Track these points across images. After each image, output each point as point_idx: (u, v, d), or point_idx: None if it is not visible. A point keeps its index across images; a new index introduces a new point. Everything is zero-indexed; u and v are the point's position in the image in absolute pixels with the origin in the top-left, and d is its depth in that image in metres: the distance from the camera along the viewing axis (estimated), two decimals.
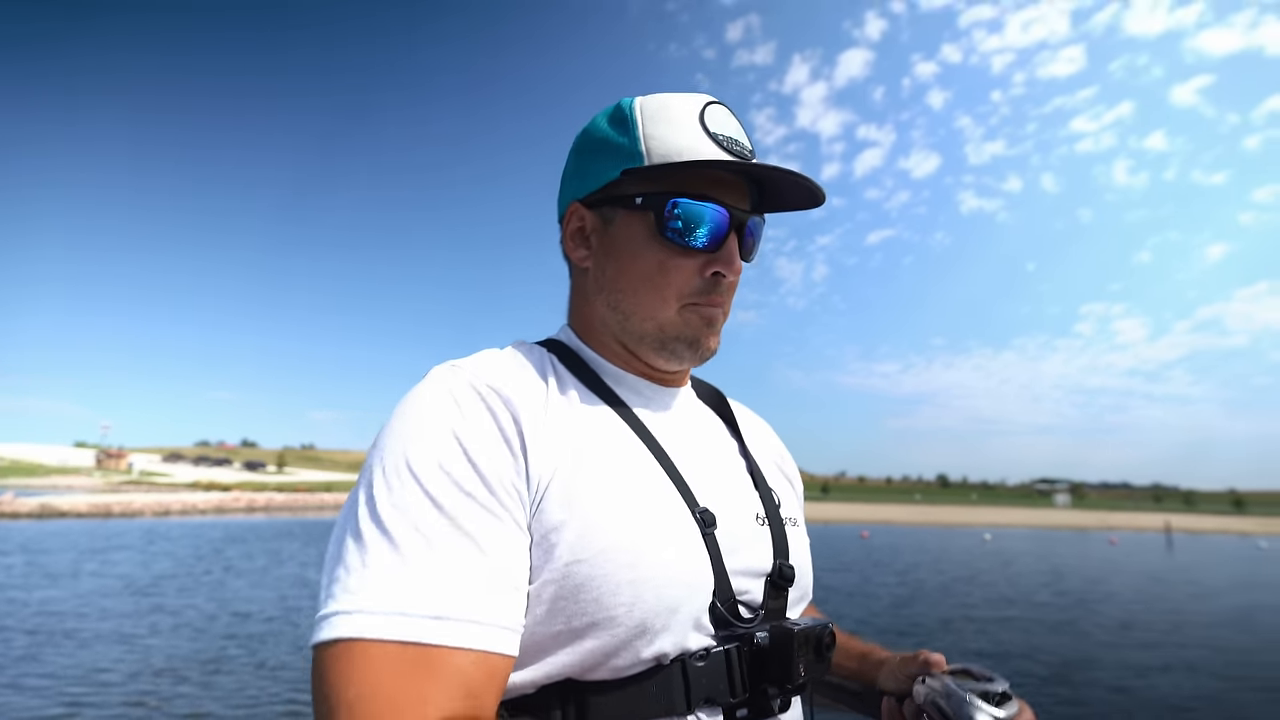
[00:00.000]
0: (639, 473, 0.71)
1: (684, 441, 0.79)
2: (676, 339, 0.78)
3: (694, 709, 0.65)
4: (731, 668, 0.68)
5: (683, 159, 0.72)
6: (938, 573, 21.26)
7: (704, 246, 0.75)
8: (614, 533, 0.64)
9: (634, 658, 0.64)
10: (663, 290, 0.76)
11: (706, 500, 0.73)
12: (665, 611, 0.64)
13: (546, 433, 0.68)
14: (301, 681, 7.55)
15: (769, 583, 0.75)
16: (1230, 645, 11.08)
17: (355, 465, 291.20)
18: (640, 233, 0.76)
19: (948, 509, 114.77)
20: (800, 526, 0.87)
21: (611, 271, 0.78)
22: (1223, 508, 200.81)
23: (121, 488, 79.13)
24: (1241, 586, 20.15)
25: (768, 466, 0.89)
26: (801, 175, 0.75)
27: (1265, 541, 52.29)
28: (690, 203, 0.73)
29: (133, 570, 16.28)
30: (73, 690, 6.95)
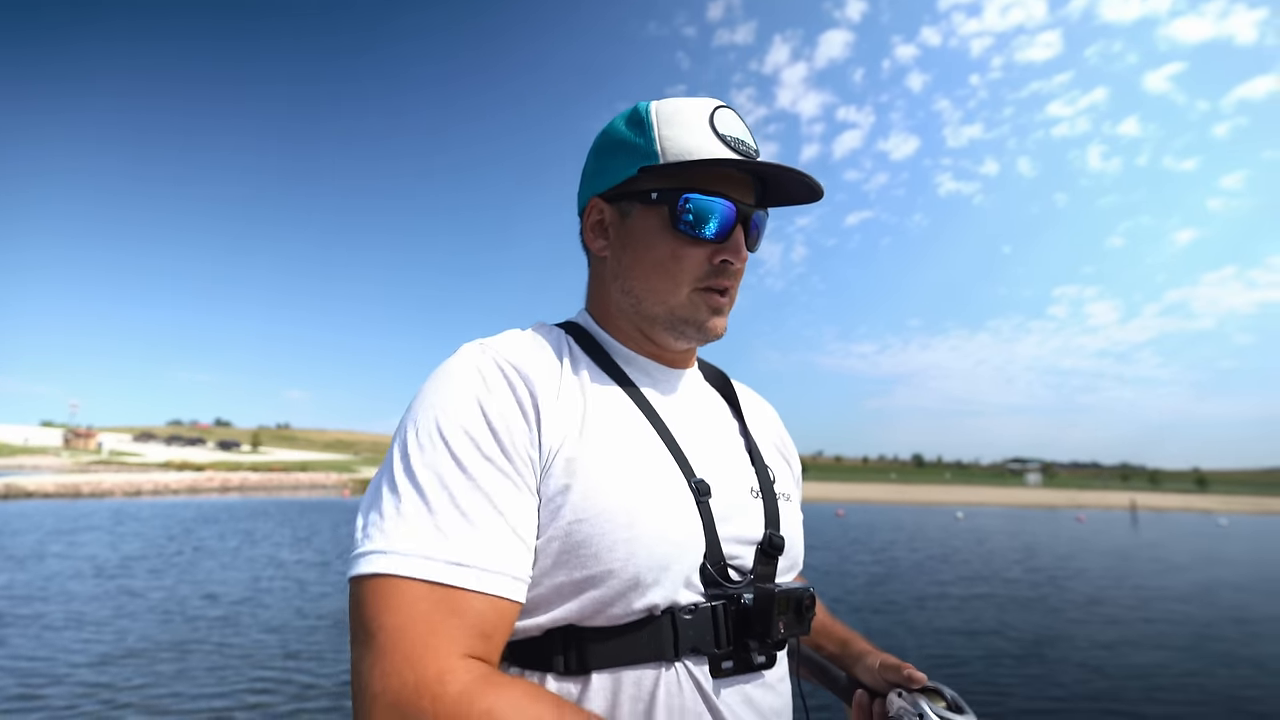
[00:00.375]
0: (640, 444, 0.79)
1: (686, 418, 0.87)
2: (686, 320, 0.86)
3: (681, 657, 0.73)
4: (717, 622, 0.75)
5: (694, 158, 0.81)
6: (911, 550, 21.58)
7: (713, 237, 0.83)
8: (613, 496, 0.72)
9: (627, 608, 0.72)
10: (675, 276, 0.84)
11: (703, 472, 0.81)
12: (657, 568, 0.72)
13: (558, 406, 0.76)
14: (271, 663, 7.37)
15: (760, 550, 0.83)
16: (1193, 618, 11.38)
17: (331, 444, 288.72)
18: (655, 225, 0.84)
19: (922, 488, 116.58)
20: (794, 502, 0.95)
21: (628, 260, 0.87)
22: (1187, 486, 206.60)
23: (91, 468, 77.55)
24: (1202, 561, 20.70)
25: (765, 445, 0.97)
26: (802, 173, 0.82)
27: (1225, 519, 53.86)
28: (701, 198, 0.82)
29: (101, 551, 15.88)
30: (33, 678, 6.74)
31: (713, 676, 0.75)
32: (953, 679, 6.38)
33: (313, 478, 71.03)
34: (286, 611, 10.04)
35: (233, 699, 6.27)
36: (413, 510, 0.66)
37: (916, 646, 8.90)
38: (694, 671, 0.74)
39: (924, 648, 8.87)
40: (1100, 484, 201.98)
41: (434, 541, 0.65)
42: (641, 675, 0.72)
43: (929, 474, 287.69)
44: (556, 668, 0.72)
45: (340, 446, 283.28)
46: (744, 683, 0.78)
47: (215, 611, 10.02)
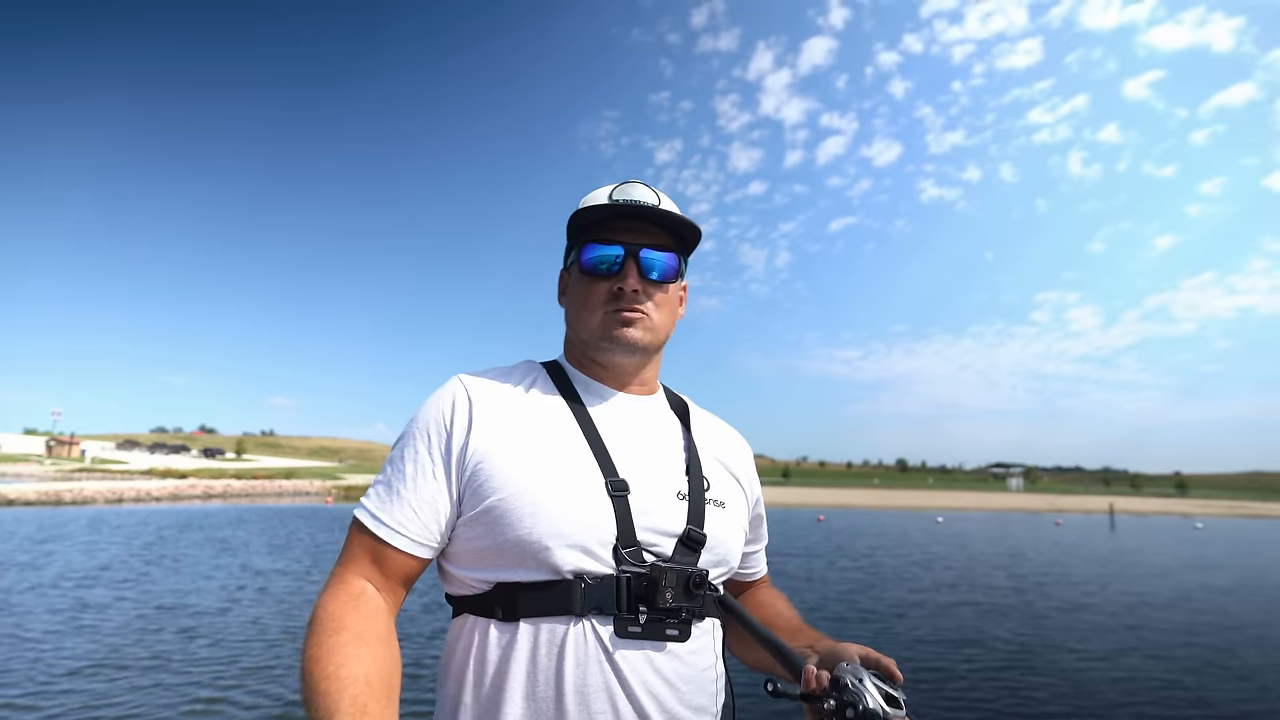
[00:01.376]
0: (563, 446, 1.04)
1: (625, 432, 1.11)
2: (603, 337, 1.12)
3: (586, 614, 0.94)
4: (619, 590, 0.96)
5: (583, 214, 1.13)
6: (890, 555, 21.85)
7: (607, 271, 1.12)
8: (525, 480, 0.99)
9: (539, 568, 0.96)
10: (590, 305, 1.14)
11: (626, 474, 1.04)
12: (557, 535, 0.96)
13: (496, 418, 1.06)
14: (227, 678, 7.19)
15: (680, 543, 1.03)
16: (1163, 622, 11.72)
17: (316, 451, 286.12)
18: (576, 274, 1.16)
19: (904, 493, 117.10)
20: (729, 510, 1.14)
21: (569, 306, 1.20)
22: (1167, 490, 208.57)
23: (73, 475, 76.54)
24: (1174, 563, 21.21)
25: (708, 459, 1.17)
26: (663, 211, 1.10)
27: (1200, 522, 54.66)
28: (595, 245, 1.12)
29: (70, 560, 15.62)
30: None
31: (617, 635, 0.95)
32: (923, 687, 6.43)
33: (296, 485, 70.34)
34: (246, 626, 9.62)
35: (173, 711, 6.08)
36: (379, 481, 1.06)
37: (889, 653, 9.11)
38: (599, 629, 0.94)
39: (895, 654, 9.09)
40: (1082, 488, 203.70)
41: (374, 502, 1.03)
42: (555, 626, 0.94)
43: (912, 479, 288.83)
44: (496, 615, 0.98)
45: (325, 453, 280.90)
46: (649, 648, 0.96)
47: (176, 622, 9.69)
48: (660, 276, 1.13)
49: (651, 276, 1.12)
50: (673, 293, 1.18)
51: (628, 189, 1.13)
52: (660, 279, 1.14)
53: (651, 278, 1.12)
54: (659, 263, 1.13)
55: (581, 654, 0.93)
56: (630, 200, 1.11)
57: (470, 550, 1.02)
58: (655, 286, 1.14)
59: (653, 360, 1.21)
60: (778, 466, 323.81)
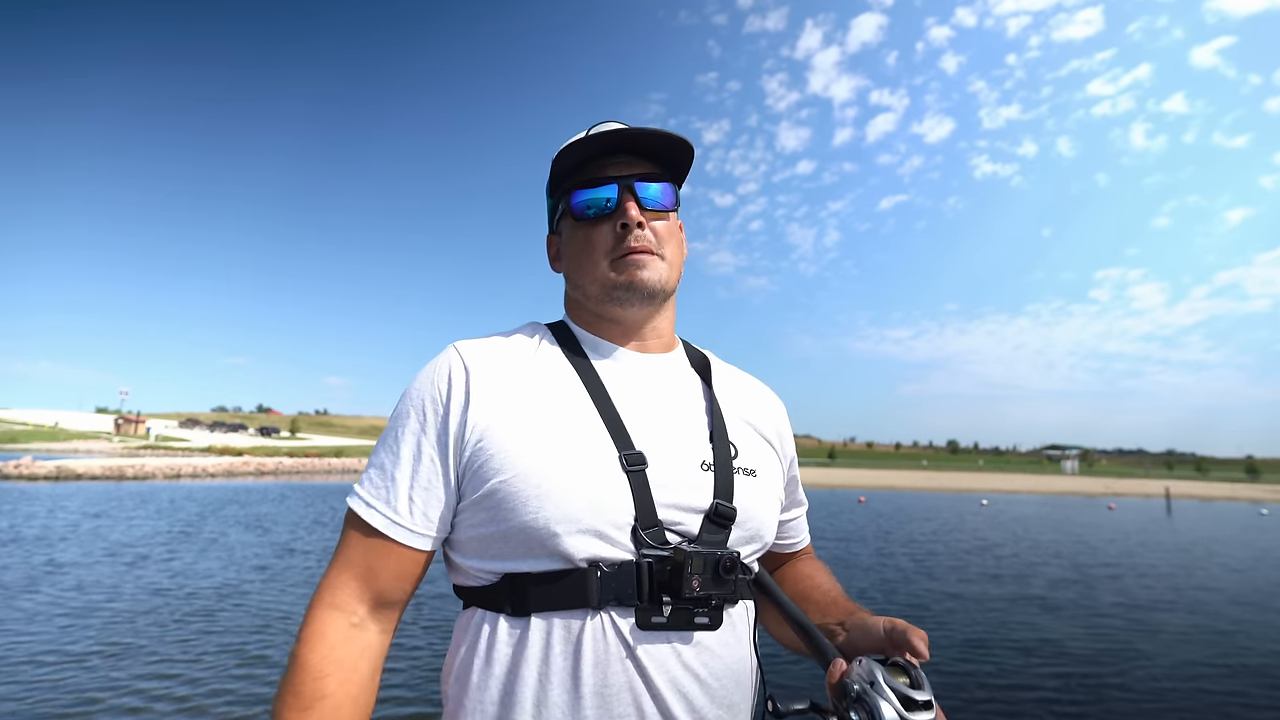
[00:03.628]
0: (571, 418, 0.92)
1: (641, 397, 0.98)
2: (614, 285, 0.99)
3: (604, 606, 0.83)
4: (641, 578, 0.84)
5: (561, 156, 1.00)
6: (922, 538, 21.33)
7: (603, 212, 0.99)
8: (529, 459, 0.87)
9: (549, 556, 0.85)
10: (592, 254, 1.00)
11: (644, 445, 0.92)
12: (566, 520, 0.84)
13: (496, 389, 0.93)
14: (221, 669, 6.63)
15: (707, 519, 0.91)
16: (1151, 615, 11.18)
17: (366, 430, 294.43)
18: (569, 226, 1.04)
19: (952, 475, 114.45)
20: (760, 478, 1.01)
21: (568, 263, 1.06)
22: (1236, 474, 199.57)
23: (138, 452, 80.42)
24: (1221, 548, 20.34)
25: (735, 421, 1.04)
26: (645, 130, 0.98)
27: (1266, 508, 51.97)
28: (584, 190, 1.00)
29: (111, 533, 15.93)
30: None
31: (639, 628, 0.83)
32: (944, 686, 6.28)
33: (345, 462, 72.49)
34: (247, 613, 8.86)
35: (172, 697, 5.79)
36: (374, 463, 0.94)
37: None
38: (618, 622, 0.83)
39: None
40: (1142, 472, 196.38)
41: (367, 490, 0.93)
42: (570, 621, 0.83)
43: (962, 461, 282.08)
44: (505, 609, 0.86)
45: (374, 432, 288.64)
46: (676, 640, 0.84)
47: (191, 605, 9.20)
48: (659, 205, 1.02)
49: (651, 207, 1.01)
50: (674, 224, 1.06)
51: (602, 127, 1.01)
52: (660, 208, 1.02)
53: (650, 208, 1.01)
54: (656, 191, 1.02)
55: (601, 651, 0.82)
56: (606, 130, 0.99)
57: (474, 538, 0.91)
58: (657, 216, 1.02)
59: (666, 309, 1.07)
60: (824, 447, 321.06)
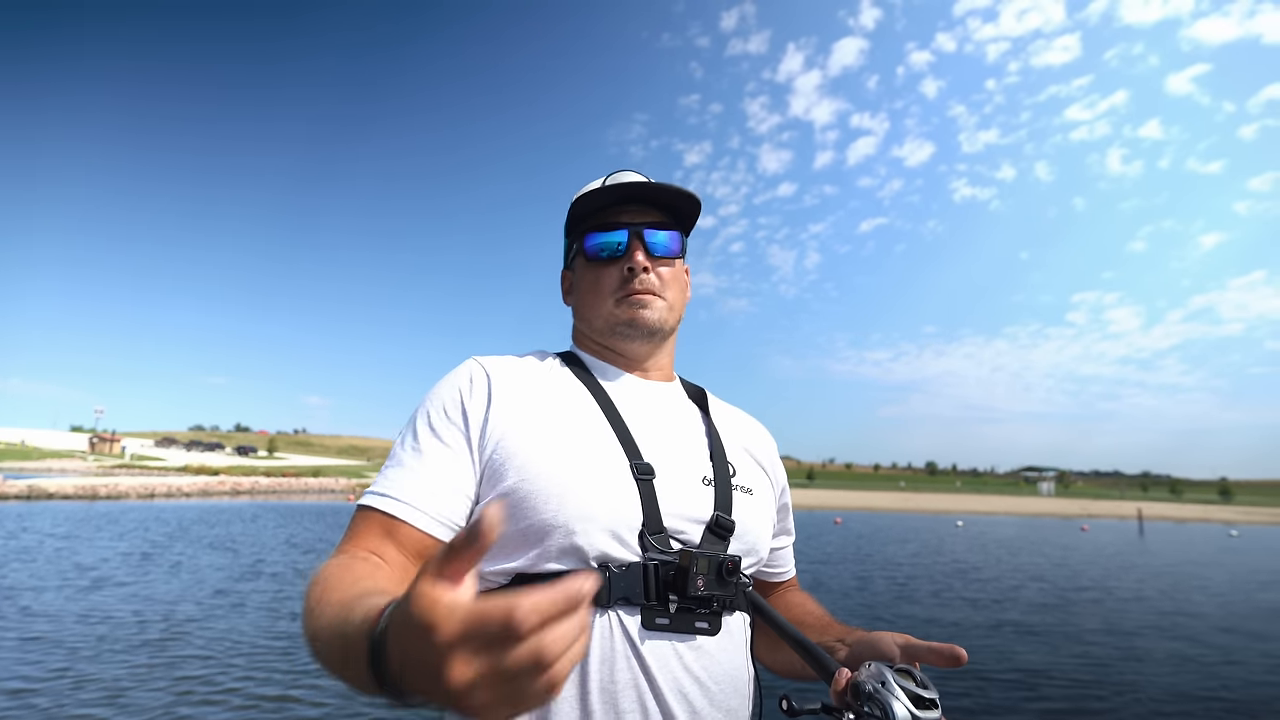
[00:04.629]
0: (586, 429, 0.99)
1: (646, 416, 1.06)
2: (618, 321, 1.10)
3: (613, 604, 0.87)
4: (647, 578, 0.89)
5: (580, 203, 1.12)
6: (895, 559, 21.61)
7: (614, 255, 1.10)
8: (549, 462, 0.93)
9: (562, 555, 0.89)
10: (599, 292, 1.11)
11: (651, 458, 0.98)
12: (582, 519, 0.89)
13: (515, 397, 1.00)
14: (164, 708, 5.81)
15: (708, 529, 0.97)
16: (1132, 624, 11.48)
17: (345, 450, 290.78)
18: (582, 265, 1.15)
19: (929, 496, 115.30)
20: (756, 496, 1.09)
21: (577, 299, 1.18)
22: (1209, 496, 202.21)
23: (113, 471, 79.04)
24: (1186, 567, 20.76)
25: (731, 445, 1.13)
26: (656, 184, 1.08)
27: (1235, 530, 52.94)
28: (597, 233, 1.11)
29: (77, 555, 15.30)
30: None
31: (644, 627, 0.88)
32: None
33: (322, 482, 71.81)
34: (200, 643, 7.96)
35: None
36: (389, 464, 0.98)
37: None
38: (625, 620, 0.87)
39: None
40: (1117, 493, 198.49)
41: (388, 483, 0.94)
42: None
43: (939, 482, 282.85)
44: None
45: (353, 452, 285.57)
46: (678, 641, 0.89)
47: (140, 634, 8.37)
48: (666, 253, 1.13)
49: (658, 255, 1.12)
50: (679, 269, 1.17)
51: (619, 176, 1.13)
52: (666, 255, 1.13)
53: (657, 255, 1.12)
54: (663, 240, 1.13)
55: (608, 648, 0.86)
56: (623, 183, 1.10)
57: None
58: (662, 263, 1.13)
59: (667, 345, 1.18)
60: (803, 468, 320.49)
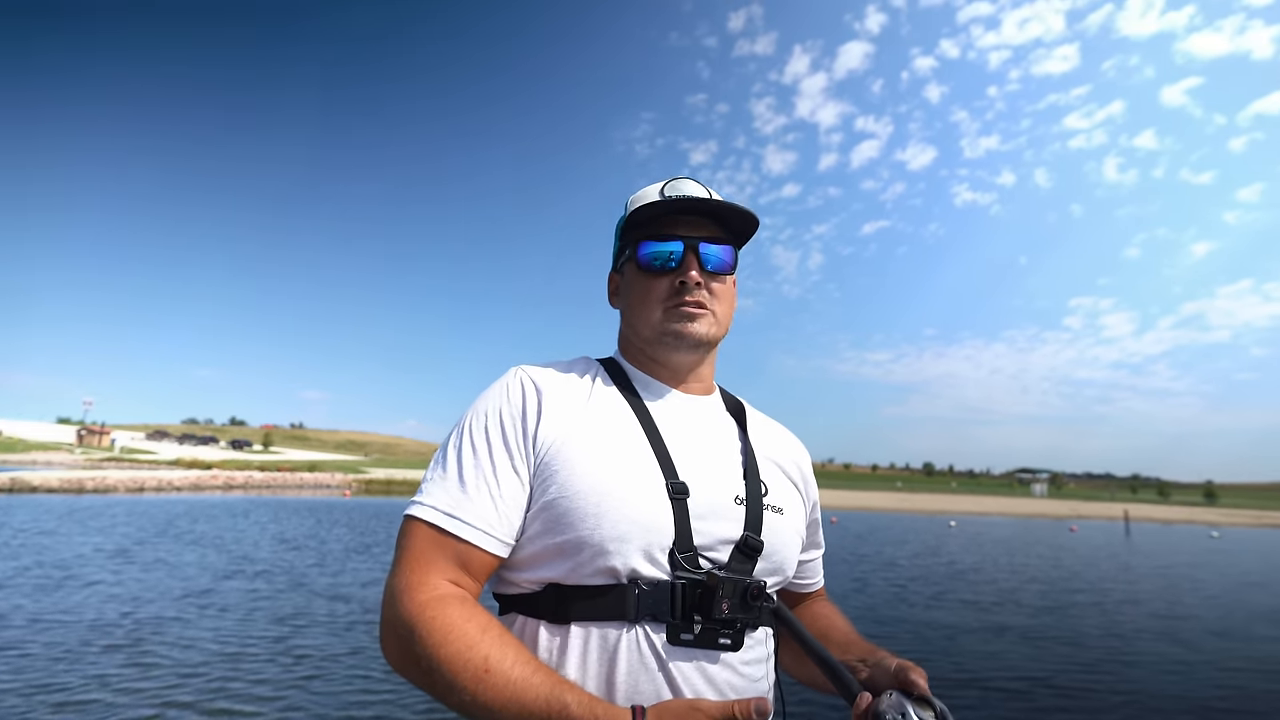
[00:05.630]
0: (626, 446, 1.00)
1: (684, 433, 1.07)
2: (665, 332, 1.10)
3: (640, 620, 0.91)
4: (674, 597, 0.92)
5: (638, 211, 1.10)
6: (888, 558, 21.72)
7: (667, 266, 1.10)
8: (590, 479, 0.94)
9: (595, 571, 0.92)
10: (649, 302, 1.11)
11: (686, 476, 0.99)
12: (618, 539, 0.91)
13: (562, 411, 1.02)
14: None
15: (736, 549, 0.99)
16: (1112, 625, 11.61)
17: (343, 445, 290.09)
18: (633, 271, 1.14)
19: (925, 496, 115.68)
20: (786, 516, 1.09)
21: (626, 304, 1.18)
22: (1195, 499, 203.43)
23: (101, 464, 78.31)
24: (1160, 567, 20.97)
25: (765, 462, 1.13)
26: (722, 202, 1.08)
27: (1216, 531, 53.83)
28: (652, 242, 1.10)
29: (53, 551, 14.82)
30: None
31: (669, 643, 0.91)
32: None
33: (318, 477, 71.28)
34: (161, 655, 7.11)
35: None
36: (438, 476, 0.97)
37: None
38: (652, 636, 0.90)
39: None
40: (1108, 495, 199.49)
41: (442, 497, 0.94)
42: (607, 631, 0.90)
43: (936, 483, 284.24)
44: (546, 617, 0.94)
45: (351, 447, 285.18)
46: (702, 657, 0.92)
47: (102, 637, 7.79)
48: (719, 268, 1.12)
49: (711, 269, 1.11)
50: (730, 285, 1.16)
51: (678, 185, 1.12)
52: (719, 270, 1.12)
53: (711, 269, 1.11)
54: (717, 255, 1.12)
55: (634, 661, 0.90)
56: (683, 195, 1.09)
57: (524, 548, 0.97)
58: (715, 279, 1.12)
59: (710, 358, 1.19)
60: None
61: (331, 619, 9.31)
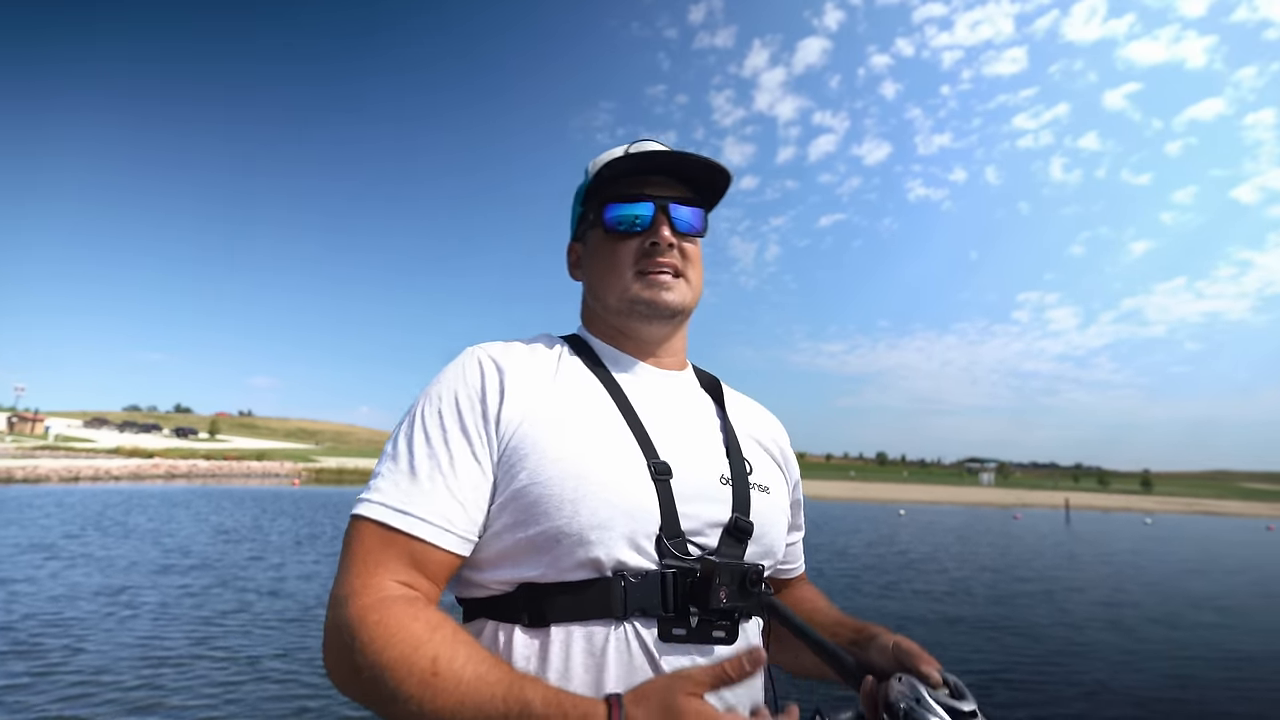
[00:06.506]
0: (601, 425, 0.91)
1: (660, 409, 0.98)
2: (635, 300, 1.00)
3: (629, 616, 0.81)
4: (665, 588, 0.83)
5: (602, 171, 1.00)
6: (834, 546, 22.03)
7: (635, 228, 1.00)
8: (564, 463, 0.84)
9: (576, 565, 0.82)
10: (617, 267, 1.01)
11: (668, 456, 0.90)
12: (599, 527, 0.82)
13: (527, 391, 0.91)
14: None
15: (726, 532, 0.90)
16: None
17: (293, 433, 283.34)
18: (598, 237, 1.04)
19: (878, 485, 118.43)
20: (773, 495, 1.02)
21: (590, 273, 1.07)
22: (1133, 487, 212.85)
23: (34, 453, 74.98)
24: (1080, 551, 21.64)
25: (746, 440, 1.06)
26: (689, 155, 0.98)
27: (1150, 518, 56.74)
28: (620, 204, 1.00)
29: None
30: None
31: (661, 640, 0.82)
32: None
33: (266, 466, 69.70)
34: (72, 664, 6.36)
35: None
36: (387, 469, 0.86)
37: None
38: (642, 632, 0.81)
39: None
40: (1051, 484, 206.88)
41: (391, 493, 0.84)
42: (593, 631, 0.80)
43: (889, 472, 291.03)
44: (522, 620, 0.82)
45: (302, 435, 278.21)
46: (696, 652, 0.83)
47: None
48: (690, 230, 1.03)
49: (683, 231, 1.02)
50: (699, 249, 1.07)
51: (644, 145, 1.03)
52: (690, 233, 1.03)
53: (682, 231, 1.02)
54: (688, 217, 1.03)
55: (625, 663, 0.80)
56: (650, 150, 0.99)
57: (490, 545, 0.87)
58: (686, 240, 1.03)
59: (681, 330, 1.09)
60: None
61: (265, 617, 8.83)
